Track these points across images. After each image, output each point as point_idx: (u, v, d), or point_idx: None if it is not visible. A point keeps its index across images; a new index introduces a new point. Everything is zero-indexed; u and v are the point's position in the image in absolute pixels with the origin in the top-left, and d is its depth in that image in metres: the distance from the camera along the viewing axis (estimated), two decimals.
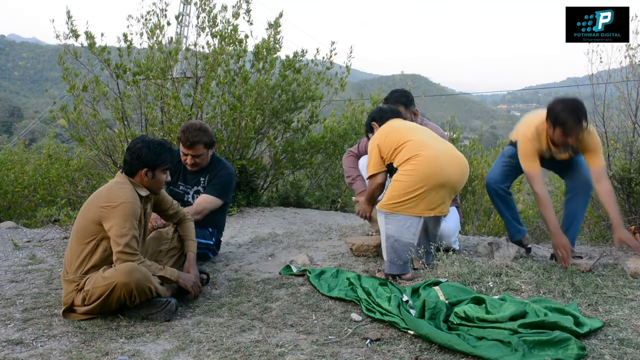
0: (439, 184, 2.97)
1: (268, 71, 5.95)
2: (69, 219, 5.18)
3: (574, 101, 3.09)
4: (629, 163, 4.40)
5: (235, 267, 3.53)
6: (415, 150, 3.00)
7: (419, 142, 3.05)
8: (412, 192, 2.96)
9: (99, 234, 2.59)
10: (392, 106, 3.49)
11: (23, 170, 7.66)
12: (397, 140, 3.08)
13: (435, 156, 3.00)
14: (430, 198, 2.99)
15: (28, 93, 69.57)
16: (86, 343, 2.31)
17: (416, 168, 2.96)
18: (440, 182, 2.97)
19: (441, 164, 2.98)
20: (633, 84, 4.58)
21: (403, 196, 2.98)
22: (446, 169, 3.00)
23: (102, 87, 5.69)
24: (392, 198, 3.02)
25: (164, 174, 2.80)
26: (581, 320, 2.27)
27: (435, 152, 3.02)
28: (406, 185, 2.98)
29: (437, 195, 3.00)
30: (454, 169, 3.04)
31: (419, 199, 2.97)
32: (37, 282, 3.22)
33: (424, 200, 2.98)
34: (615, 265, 3.30)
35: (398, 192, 3.00)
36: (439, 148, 3.07)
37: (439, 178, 2.97)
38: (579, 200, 3.44)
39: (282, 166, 6.54)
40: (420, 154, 2.98)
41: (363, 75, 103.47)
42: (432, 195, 2.98)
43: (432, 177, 2.95)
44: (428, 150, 3.01)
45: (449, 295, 2.60)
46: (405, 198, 2.98)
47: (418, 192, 2.96)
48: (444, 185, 3.00)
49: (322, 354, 2.13)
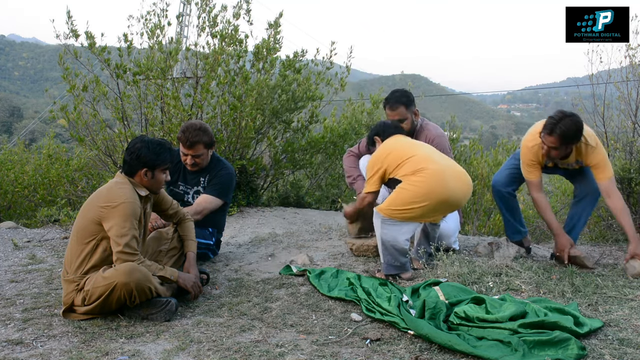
0: (442, 200, 2.97)
1: (268, 71, 5.95)
2: (69, 219, 5.18)
3: (572, 117, 3.08)
4: (629, 163, 4.40)
5: (235, 267, 3.53)
6: (422, 164, 3.01)
7: (424, 157, 3.06)
8: (414, 203, 2.96)
9: (99, 234, 2.59)
10: (395, 122, 3.49)
11: (23, 170, 7.66)
12: (401, 156, 3.09)
13: (441, 170, 3.00)
14: (429, 212, 3.00)
15: (28, 93, 69.59)
16: (86, 343, 2.31)
17: (424, 180, 2.96)
18: (443, 199, 2.97)
19: (446, 179, 2.99)
20: (633, 84, 4.58)
21: (404, 205, 2.98)
22: (450, 184, 2.99)
23: (102, 87, 5.69)
24: (392, 205, 3.01)
25: (164, 174, 2.80)
26: (581, 320, 2.27)
27: (441, 167, 3.02)
28: (410, 195, 2.97)
29: (436, 211, 3.03)
30: (458, 185, 3.04)
31: (418, 211, 2.98)
32: (37, 282, 3.22)
33: (422, 212, 2.99)
34: (615, 265, 3.30)
35: (401, 201, 2.99)
36: (444, 163, 3.08)
37: (443, 193, 2.96)
38: (586, 204, 3.44)
39: (282, 166, 6.54)
40: (428, 167, 2.99)
41: (363, 75, 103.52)
42: (432, 210, 3.00)
43: (436, 191, 2.95)
44: (434, 165, 3.02)
45: (449, 295, 2.61)
46: (405, 207, 2.98)
47: (419, 205, 2.96)
48: (446, 201, 3.00)
49: (322, 354, 2.13)
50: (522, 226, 3.57)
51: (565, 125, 3.02)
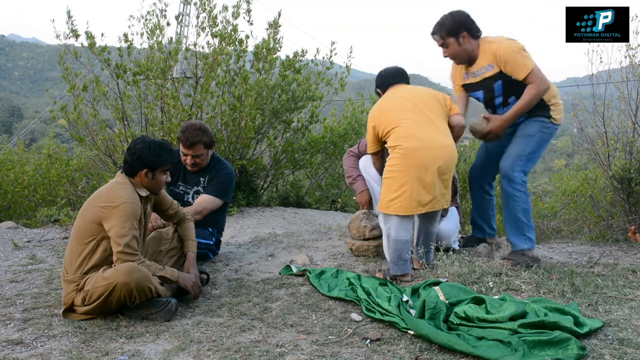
0: (423, 170, 2.93)
1: (268, 71, 5.95)
2: (69, 219, 5.18)
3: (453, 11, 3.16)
4: (629, 163, 4.40)
5: (235, 267, 3.53)
6: (400, 140, 2.98)
7: (405, 131, 3.00)
8: (399, 188, 2.96)
9: (99, 234, 2.59)
10: (395, 68, 3.39)
11: (23, 170, 7.66)
12: (388, 123, 3.06)
13: (416, 148, 2.95)
14: (417, 190, 2.94)
15: (28, 93, 69.53)
16: (86, 343, 2.31)
17: (397, 162, 2.96)
18: (423, 169, 2.93)
19: (422, 156, 2.93)
20: (633, 84, 4.58)
21: (392, 194, 2.98)
22: (427, 159, 2.93)
23: (102, 87, 5.69)
24: (384, 197, 3.04)
25: (164, 175, 2.80)
26: (581, 320, 2.27)
27: (418, 144, 2.95)
28: (392, 182, 2.99)
29: (422, 184, 2.94)
30: (438, 155, 2.96)
31: (407, 194, 2.95)
32: (37, 282, 3.22)
33: (408, 194, 2.94)
34: (616, 265, 3.30)
35: (389, 190, 3.01)
36: (424, 138, 2.98)
37: (421, 166, 2.92)
38: None
39: (282, 166, 6.54)
40: (402, 145, 2.96)
41: (363, 75, 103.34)
42: (415, 185, 2.93)
43: (412, 168, 2.93)
44: (410, 142, 2.96)
45: (449, 295, 2.61)
46: (394, 196, 2.97)
47: (404, 187, 2.94)
48: (427, 169, 2.93)
49: (322, 354, 2.13)
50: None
51: (441, 17, 3.10)
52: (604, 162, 4.70)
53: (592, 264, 3.29)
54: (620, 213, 4.53)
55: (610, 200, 4.82)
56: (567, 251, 4.06)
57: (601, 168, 4.86)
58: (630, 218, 4.37)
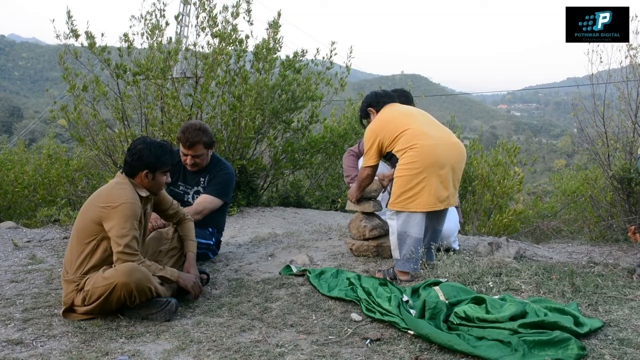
0: (439, 166, 2.97)
1: (268, 71, 5.95)
2: (69, 219, 5.18)
3: None
4: (629, 163, 4.40)
5: (235, 267, 3.53)
6: (414, 139, 3.00)
7: (416, 131, 3.03)
8: (414, 184, 2.96)
9: (99, 234, 2.59)
10: (387, 91, 3.45)
11: (23, 170, 7.67)
12: (396, 129, 3.07)
13: (431, 145, 2.98)
14: (433, 185, 2.96)
15: (28, 93, 69.53)
16: (86, 343, 2.31)
17: (414, 160, 2.96)
18: (439, 166, 2.97)
19: (438, 152, 2.98)
20: (633, 84, 4.58)
21: (407, 191, 2.98)
22: (442, 155, 2.99)
23: (102, 87, 5.69)
24: (397, 195, 3.02)
25: (164, 176, 2.80)
26: (581, 320, 2.27)
27: (432, 141, 3.00)
28: (408, 179, 2.98)
29: (440, 180, 2.98)
30: (451, 153, 3.04)
31: (427, 190, 2.96)
32: (37, 282, 3.22)
33: (427, 189, 2.96)
34: (616, 265, 3.30)
35: (402, 188, 3.00)
36: (436, 136, 3.05)
37: (438, 162, 2.96)
38: None
39: (282, 166, 6.54)
40: (418, 144, 2.98)
41: (363, 75, 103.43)
42: (434, 181, 2.96)
43: (430, 164, 2.95)
44: (425, 140, 3.00)
45: (449, 295, 2.61)
46: (413, 193, 2.97)
47: (423, 183, 2.95)
48: (443, 166, 2.98)
49: (322, 354, 2.13)
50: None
51: None
52: (604, 162, 4.70)
53: (592, 264, 3.29)
54: (620, 213, 4.53)
55: (610, 200, 4.83)
56: (567, 251, 4.06)
57: (601, 168, 4.86)
58: (630, 218, 4.37)
